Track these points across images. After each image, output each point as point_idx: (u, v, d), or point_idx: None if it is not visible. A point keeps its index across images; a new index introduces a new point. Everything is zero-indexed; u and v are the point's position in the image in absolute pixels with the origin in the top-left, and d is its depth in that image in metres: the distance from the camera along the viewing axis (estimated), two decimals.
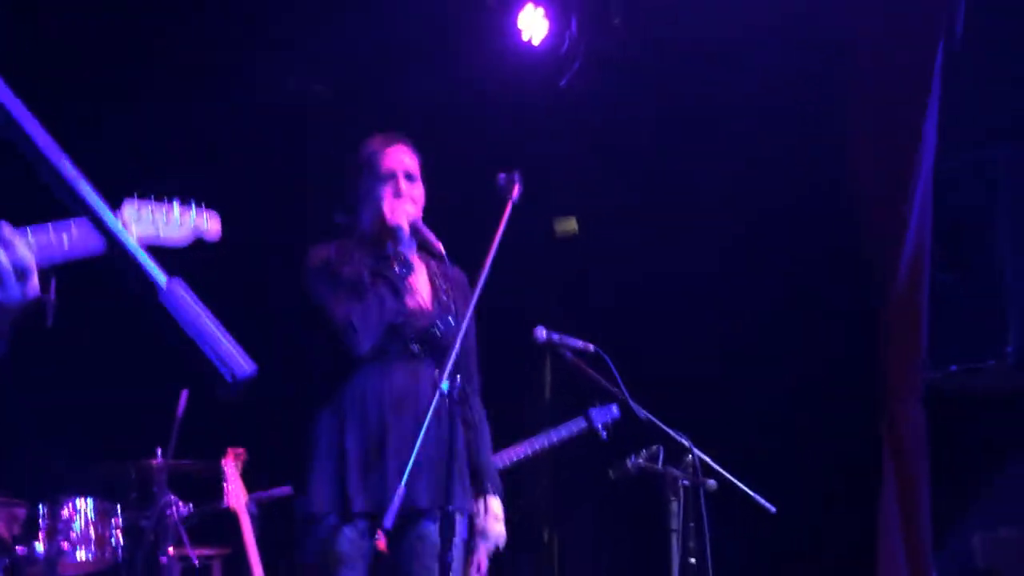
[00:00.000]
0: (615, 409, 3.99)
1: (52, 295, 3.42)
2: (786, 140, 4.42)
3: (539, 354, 4.61)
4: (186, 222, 1.97)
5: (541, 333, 3.76)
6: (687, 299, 4.97)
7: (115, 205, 1.89)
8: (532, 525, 5.61)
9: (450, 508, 2.12)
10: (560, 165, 4.87)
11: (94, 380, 4.62)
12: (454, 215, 2.98)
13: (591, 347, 3.72)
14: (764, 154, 4.52)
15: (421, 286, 2.59)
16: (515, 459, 4.02)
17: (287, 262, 2.73)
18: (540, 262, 5.30)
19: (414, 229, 2.51)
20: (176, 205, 1.95)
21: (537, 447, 4.02)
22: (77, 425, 4.44)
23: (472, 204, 2.99)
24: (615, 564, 5.24)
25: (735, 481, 3.47)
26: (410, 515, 2.40)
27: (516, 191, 2.43)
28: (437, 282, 2.63)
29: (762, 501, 3.49)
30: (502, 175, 2.46)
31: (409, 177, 2.59)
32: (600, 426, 3.99)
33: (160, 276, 0.67)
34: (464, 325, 2.15)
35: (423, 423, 2.11)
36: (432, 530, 2.40)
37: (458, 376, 2.11)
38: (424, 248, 2.60)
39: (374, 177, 2.55)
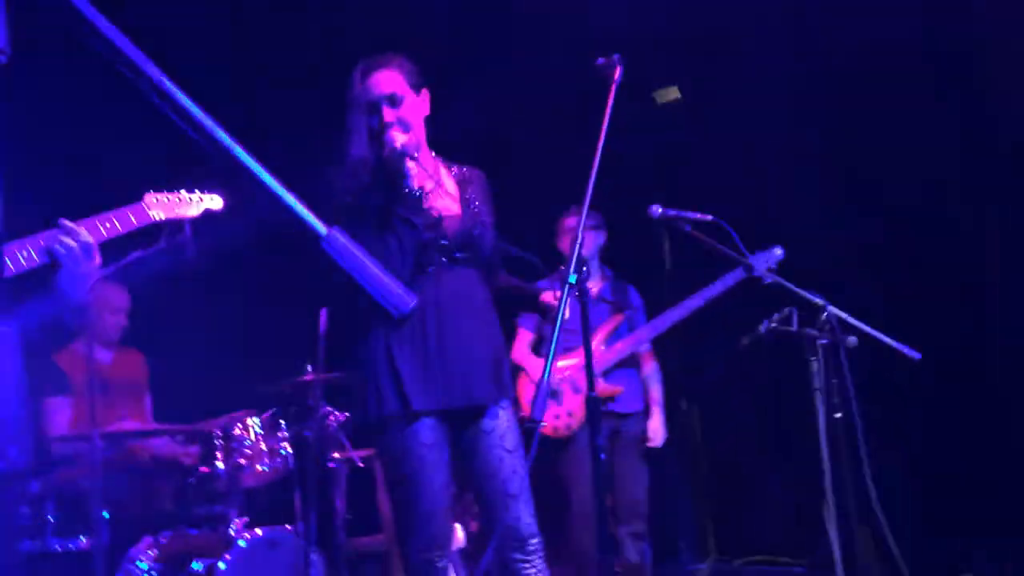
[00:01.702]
0: (778, 251, 3.89)
1: (188, 233, 3.63)
2: None
3: (656, 231, 4.59)
4: (194, 202, 2.55)
5: (656, 210, 3.74)
6: (799, 160, 4.81)
7: (138, 197, 2.36)
8: (668, 397, 5.71)
9: (592, 395, 2.17)
10: (656, 38, 4.70)
11: (243, 309, 4.91)
12: (554, 101, 2.95)
13: (709, 217, 3.68)
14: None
15: (445, 196, 2.56)
16: (679, 317, 4.08)
17: None
18: (645, 140, 5.20)
19: (411, 153, 2.46)
20: (183, 191, 2.53)
21: (691, 307, 4.05)
22: (236, 353, 4.76)
23: (570, 89, 2.94)
24: (759, 428, 5.30)
25: (875, 333, 3.42)
26: (473, 411, 2.48)
27: (618, 73, 2.38)
28: (459, 187, 2.61)
29: (905, 349, 3.44)
30: (601, 59, 2.41)
31: (393, 102, 2.51)
32: (763, 271, 3.82)
33: (320, 227, 0.72)
34: (582, 224, 2.16)
35: (476, 323, 2.19)
36: (495, 423, 2.49)
37: (584, 268, 2.14)
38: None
39: (362, 109, 2.49)
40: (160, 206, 2.40)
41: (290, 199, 0.72)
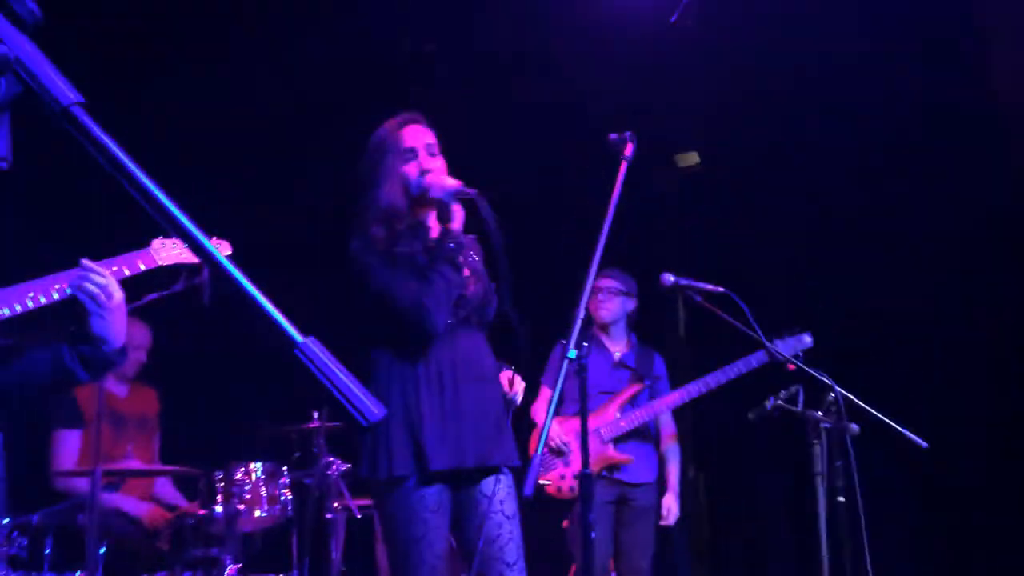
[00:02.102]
0: (807, 338, 3.87)
1: (206, 276, 3.68)
2: (915, 52, 4.16)
3: (671, 299, 4.60)
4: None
5: (668, 278, 3.75)
6: (819, 237, 4.81)
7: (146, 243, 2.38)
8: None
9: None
10: (672, 106, 4.76)
11: (250, 354, 4.94)
12: (562, 163, 2.98)
13: (720, 289, 3.69)
14: (902, 89, 4.26)
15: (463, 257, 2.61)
16: (698, 392, 4.06)
17: None
18: (661, 209, 5.24)
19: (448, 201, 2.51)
20: None
21: (712, 383, 4.04)
22: (241, 396, 4.78)
23: (582, 151, 2.97)
24: (762, 503, 5.23)
25: (883, 418, 3.39)
26: (475, 473, 2.50)
27: (629, 150, 2.42)
28: (468, 252, 2.66)
29: (913, 437, 3.39)
30: (614, 135, 2.45)
31: (430, 151, 2.58)
32: (788, 358, 3.79)
33: (296, 334, 0.74)
34: (585, 298, 2.19)
35: (486, 387, 2.22)
36: (498, 487, 2.50)
37: (584, 344, 2.15)
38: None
39: (399, 155, 2.54)
40: (168, 251, 2.42)
41: (268, 305, 0.74)
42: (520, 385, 2.67)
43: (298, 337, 0.74)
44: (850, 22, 4.24)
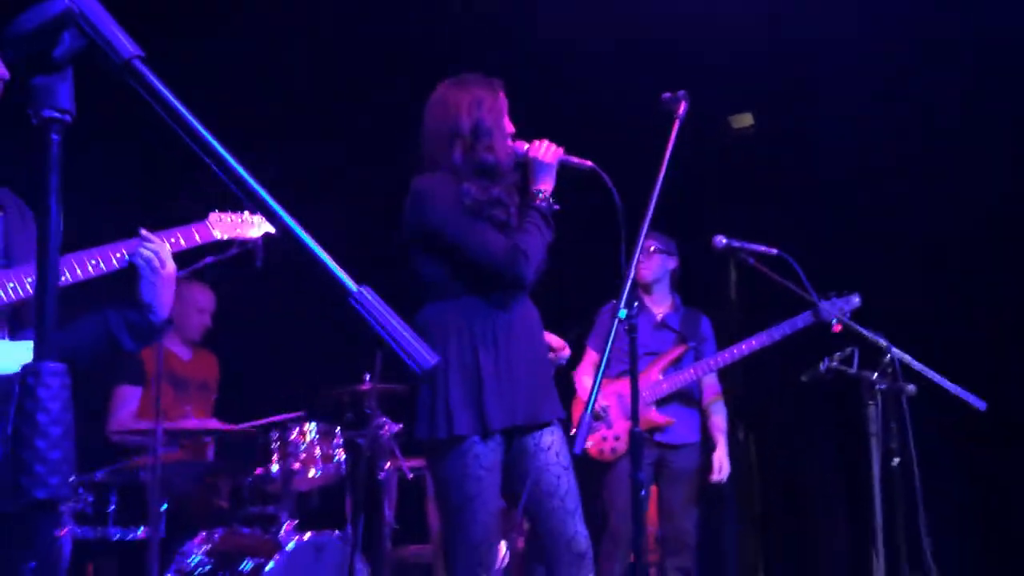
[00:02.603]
0: (856, 299, 3.79)
1: (259, 240, 3.73)
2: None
3: (722, 261, 4.55)
4: (257, 223, 2.61)
5: (720, 240, 3.72)
6: (879, 193, 4.71)
7: (204, 215, 2.40)
8: (728, 423, 5.63)
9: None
10: (725, 66, 4.66)
11: (305, 317, 5.02)
12: (618, 132, 2.96)
13: (774, 251, 3.64)
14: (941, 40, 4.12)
15: None
16: (741, 355, 4.02)
17: None
18: (715, 168, 5.16)
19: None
20: (247, 212, 2.59)
21: (756, 345, 3.99)
22: (298, 359, 4.87)
23: (633, 110, 2.94)
24: (815, 465, 5.19)
25: (939, 380, 3.33)
26: (525, 429, 2.53)
27: (682, 109, 2.39)
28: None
29: (971, 398, 3.34)
30: (667, 94, 2.42)
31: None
32: (834, 318, 3.76)
33: (351, 283, 0.75)
34: (636, 257, 2.18)
35: (536, 344, 2.27)
36: (553, 439, 2.55)
37: (635, 304, 2.15)
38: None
39: (500, 115, 2.56)
40: (223, 225, 2.47)
41: (322, 254, 0.75)
42: (566, 349, 2.70)
43: (352, 286, 0.74)
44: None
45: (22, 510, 0.66)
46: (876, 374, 3.15)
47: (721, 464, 4.17)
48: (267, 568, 3.45)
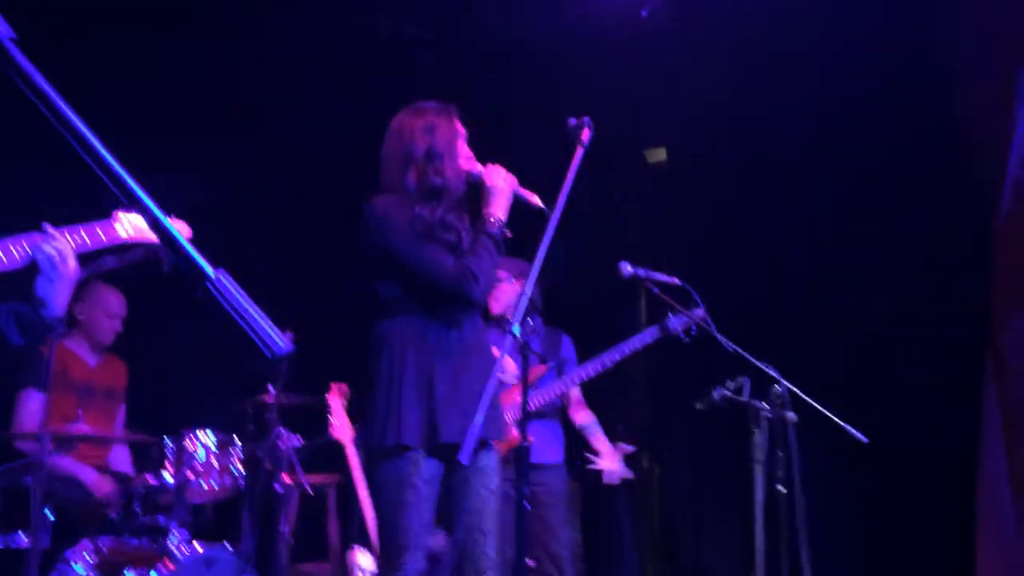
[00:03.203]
0: (698, 312, 3.89)
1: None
2: (881, 60, 4.25)
3: (631, 289, 4.66)
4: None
5: (627, 268, 3.81)
6: (773, 228, 4.90)
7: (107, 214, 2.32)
8: (633, 455, 5.74)
9: (525, 444, 2.28)
10: (642, 102, 4.82)
11: (207, 323, 4.94)
12: (530, 156, 3.03)
13: (676, 281, 3.76)
14: (857, 74, 4.35)
15: None
16: (591, 374, 4.07)
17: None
18: (623, 200, 5.30)
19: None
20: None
21: (608, 361, 4.06)
22: (197, 365, 4.78)
23: (549, 143, 3.03)
24: (709, 492, 5.33)
25: (825, 411, 3.47)
26: (442, 445, 2.58)
27: (586, 135, 2.47)
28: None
29: (853, 431, 3.48)
30: (572, 119, 2.50)
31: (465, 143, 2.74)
32: (681, 332, 3.95)
33: (208, 268, 0.78)
34: (534, 274, 2.24)
35: (490, 367, 2.29)
36: (487, 462, 2.64)
37: (527, 319, 2.20)
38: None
39: (452, 140, 2.67)
40: (129, 224, 2.39)
41: (180, 238, 0.78)
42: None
43: (210, 271, 0.77)
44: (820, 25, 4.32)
45: None
46: (764, 403, 3.27)
47: (610, 468, 4.20)
48: None
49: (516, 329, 2.14)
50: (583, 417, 4.33)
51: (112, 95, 4.11)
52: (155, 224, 0.76)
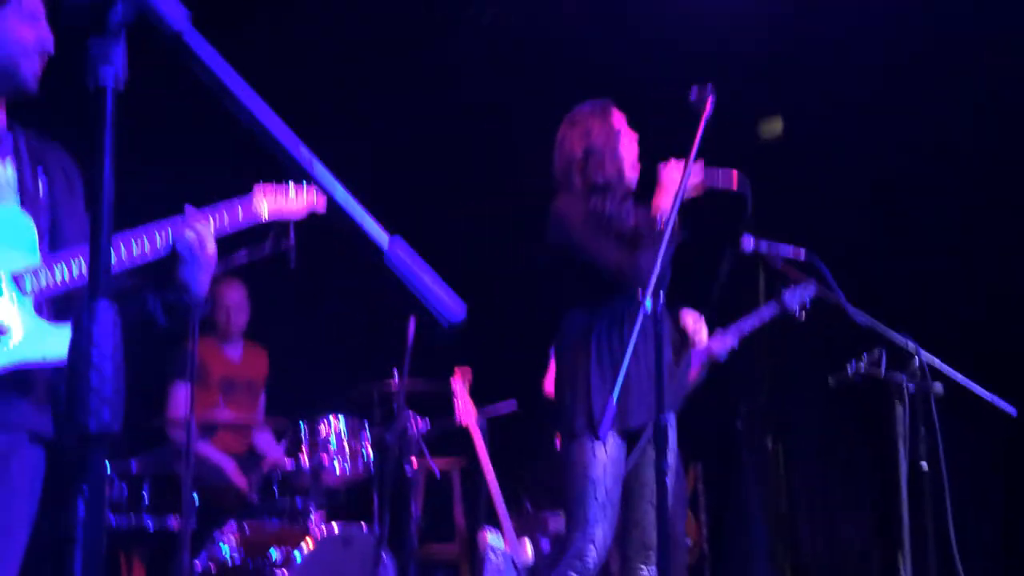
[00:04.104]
0: (812, 288, 3.76)
1: (292, 241, 3.78)
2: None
3: (750, 264, 4.53)
4: (301, 198, 2.43)
5: (749, 242, 3.70)
6: (900, 199, 4.68)
7: (248, 189, 2.30)
8: (755, 432, 5.62)
9: (662, 420, 2.23)
10: (756, 67, 4.67)
11: (337, 314, 5.09)
12: (648, 129, 2.99)
13: (802, 252, 3.63)
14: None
15: None
16: (706, 357, 3.98)
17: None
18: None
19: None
20: (292, 185, 2.45)
21: (728, 340, 3.94)
22: (328, 353, 4.93)
23: (666, 116, 2.98)
24: (844, 470, 5.16)
25: (968, 383, 3.31)
26: (634, 430, 2.70)
27: (710, 104, 2.41)
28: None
29: (1001, 403, 3.31)
30: (695, 88, 2.44)
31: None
32: (796, 307, 3.82)
33: (382, 237, 0.79)
34: (664, 247, 2.21)
35: (660, 355, 2.32)
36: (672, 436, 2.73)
37: (660, 292, 2.17)
38: None
39: (616, 137, 2.83)
40: (269, 200, 2.34)
41: (356, 210, 0.79)
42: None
43: (384, 242, 0.78)
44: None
45: (75, 442, 0.70)
46: (904, 376, 3.14)
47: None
48: (295, 557, 3.50)
49: (648, 303, 2.11)
50: None
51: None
52: (328, 195, 0.78)
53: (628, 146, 2.85)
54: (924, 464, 3.17)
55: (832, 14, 4.42)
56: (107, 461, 3.25)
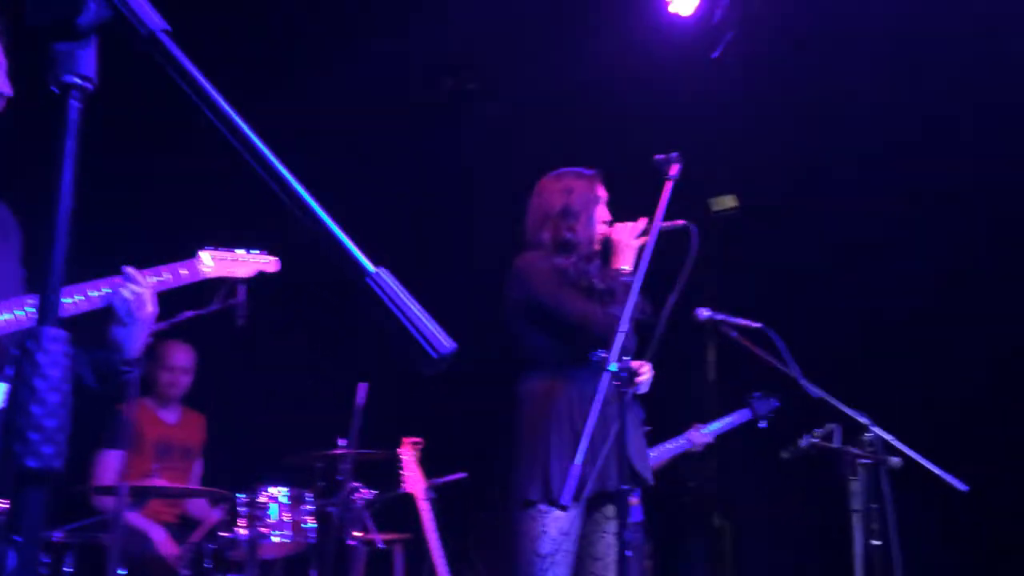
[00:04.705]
0: (775, 402, 4.01)
1: (241, 298, 3.67)
2: (955, 99, 4.16)
3: (702, 335, 4.56)
4: (248, 261, 2.51)
5: (703, 312, 3.72)
6: (853, 273, 4.77)
7: (191, 253, 2.32)
8: (702, 510, 5.56)
9: (623, 487, 2.16)
10: (714, 141, 4.77)
11: (281, 377, 4.94)
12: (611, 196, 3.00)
13: (757, 325, 3.65)
14: (930, 114, 4.26)
15: None
16: (675, 453, 3.98)
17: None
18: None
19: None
20: (239, 250, 2.52)
21: (699, 442, 3.98)
22: (269, 420, 4.77)
23: (622, 184, 3.01)
24: (793, 548, 5.11)
25: (920, 459, 3.31)
26: (598, 496, 2.61)
27: (675, 170, 2.42)
28: None
29: (951, 479, 3.31)
30: (659, 156, 2.46)
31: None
32: (763, 416, 3.98)
33: (368, 264, 0.73)
34: (628, 311, 2.19)
35: (617, 422, 2.30)
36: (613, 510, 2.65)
37: (624, 357, 2.13)
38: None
39: (595, 203, 2.82)
40: (215, 263, 2.38)
41: (340, 233, 0.73)
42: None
43: (369, 267, 0.73)
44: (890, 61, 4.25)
45: (10, 481, 0.62)
46: (859, 450, 3.13)
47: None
48: None
49: (613, 366, 2.07)
50: None
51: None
52: (311, 217, 0.72)
53: (602, 219, 2.84)
54: (877, 542, 3.15)
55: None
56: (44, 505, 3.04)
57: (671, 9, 4.36)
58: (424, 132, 5.06)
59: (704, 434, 4.01)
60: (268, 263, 2.66)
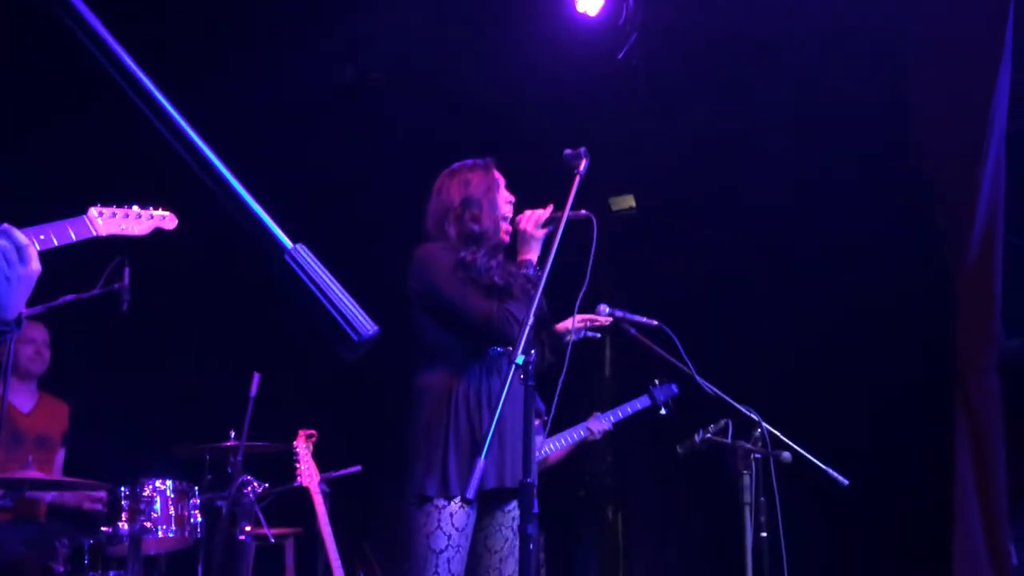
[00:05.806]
0: (675, 387, 4.10)
1: (126, 282, 3.50)
2: (852, 108, 4.32)
3: (600, 331, 4.61)
4: (144, 218, 2.39)
5: (603, 309, 3.77)
6: (749, 274, 4.91)
7: (83, 210, 2.17)
8: (596, 503, 5.63)
9: (528, 481, 2.16)
10: (617, 141, 4.83)
11: (169, 366, 4.75)
12: (514, 192, 2.99)
13: (654, 322, 3.72)
14: (829, 121, 4.42)
15: None
16: (575, 441, 4.03)
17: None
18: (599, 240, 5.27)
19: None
20: (135, 207, 2.40)
21: (598, 429, 4.04)
22: (155, 410, 4.57)
23: (529, 181, 3.01)
24: (682, 540, 5.24)
25: (806, 454, 3.43)
26: (497, 490, 2.60)
27: (583, 166, 2.43)
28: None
29: (834, 474, 3.45)
30: (568, 150, 2.46)
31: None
32: (662, 403, 4.08)
33: (286, 240, 0.69)
34: (534, 304, 2.18)
35: (523, 414, 2.26)
36: (515, 507, 2.63)
37: (532, 351, 2.13)
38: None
39: (495, 188, 2.79)
40: (105, 221, 2.21)
41: (257, 208, 0.69)
42: None
43: (287, 243, 0.69)
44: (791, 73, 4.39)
45: None
46: (751, 445, 3.22)
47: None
48: None
49: (520, 359, 2.06)
50: None
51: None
52: (227, 190, 0.68)
53: (505, 202, 2.82)
54: (764, 534, 3.25)
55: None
56: None
57: (579, 8, 4.38)
58: (326, 123, 4.95)
59: (603, 420, 4.07)
60: (165, 219, 2.52)
